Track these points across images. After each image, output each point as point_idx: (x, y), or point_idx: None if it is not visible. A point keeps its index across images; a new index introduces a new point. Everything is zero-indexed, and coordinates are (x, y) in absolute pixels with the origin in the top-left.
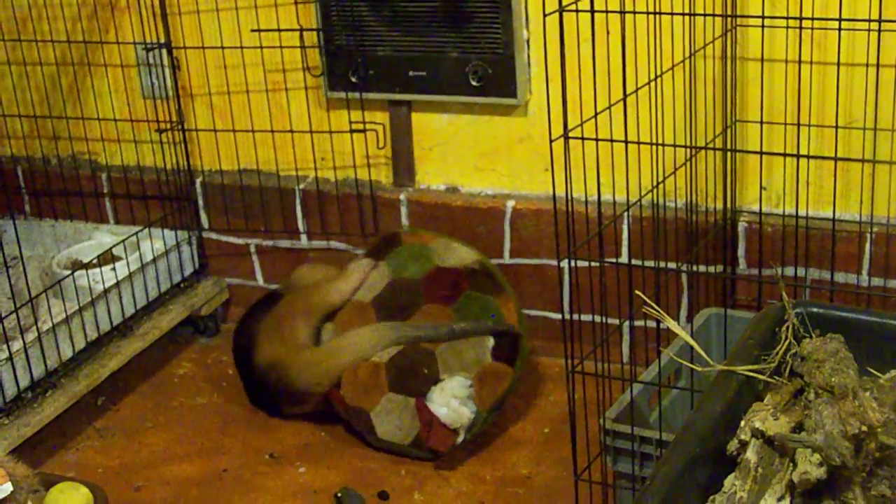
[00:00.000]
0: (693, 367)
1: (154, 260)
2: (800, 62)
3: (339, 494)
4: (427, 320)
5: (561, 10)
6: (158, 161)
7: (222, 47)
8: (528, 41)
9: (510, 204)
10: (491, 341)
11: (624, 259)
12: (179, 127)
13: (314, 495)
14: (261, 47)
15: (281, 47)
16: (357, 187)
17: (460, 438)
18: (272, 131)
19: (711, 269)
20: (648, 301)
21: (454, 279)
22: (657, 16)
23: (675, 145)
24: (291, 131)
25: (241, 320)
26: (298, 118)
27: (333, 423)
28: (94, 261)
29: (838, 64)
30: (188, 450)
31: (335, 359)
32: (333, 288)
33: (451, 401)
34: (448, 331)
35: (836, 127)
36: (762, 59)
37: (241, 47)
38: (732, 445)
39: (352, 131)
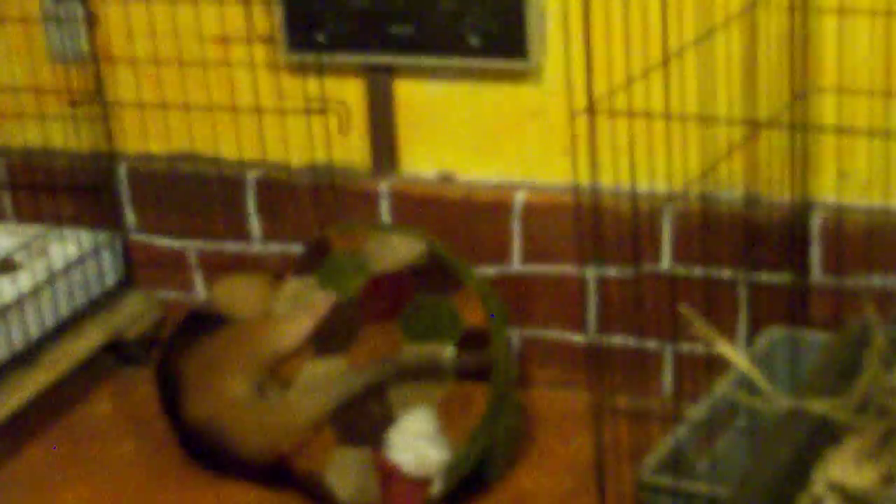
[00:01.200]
0: (753, 402)
1: (66, 269)
2: (889, 14)
3: None
4: (370, 347)
5: None
6: (71, 142)
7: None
8: None
9: (520, 196)
10: (451, 352)
11: (665, 265)
12: (98, 99)
13: None
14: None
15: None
16: (315, 177)
17: (436, 489)
18: (213, 109)
19: (777, 277)
20: (696, 321)
21: (396, 285)
22: None
23: (730, 121)
24: (235, 109)
25: (162, 352)
26: (246, 90)
27: (291, 481)
28: None
29: None
30: None
31: (284, 424)
32: (282, 332)
33: (416, 443)
34: (392, 365)
35: None
36: (841, 10)
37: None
38: (804, 502)
39: (308, 112)
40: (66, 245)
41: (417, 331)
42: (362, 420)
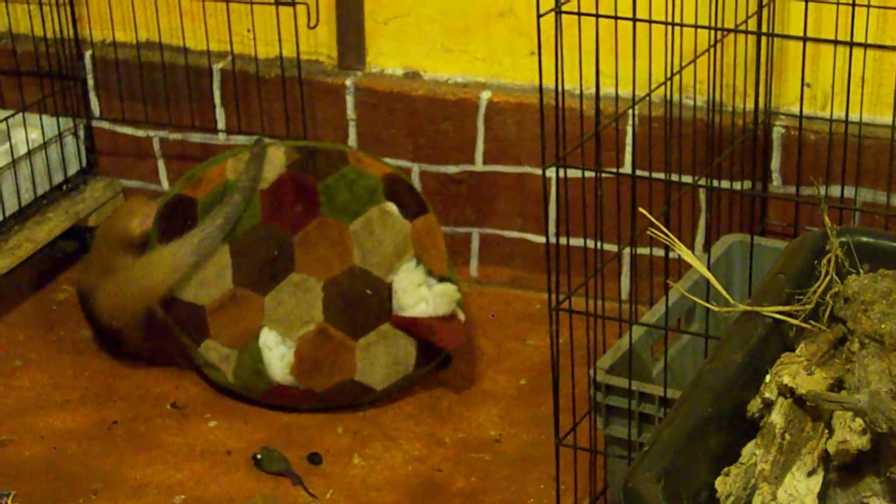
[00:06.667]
0: (709, 306)
1: (29, 154)
2: None
3: (259, 456)
4: (317, 253)
5: None
6: (37, 28)
7: None
8: None
9: (485, 95)
10: (393, 207)
11: (626, 169)
12: None
13: (227, 456)
14: None
15: None
16: (282, 68)
17: (462, 317)
18: None
19: (737, 185)
20: (656, 222)
21: (292, 189)
22: None
23: (696, 26)
24: None
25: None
26: None
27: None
28: None
29: None
30: (68, 395)
31: (130, 291)
32: (137, 215)
33: (420, 290)
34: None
35: None
36: None
37: None
38: (754, 406)
39: (277, 3)
40: (30, 131)
41: (340, 204)
42: (359, 308)
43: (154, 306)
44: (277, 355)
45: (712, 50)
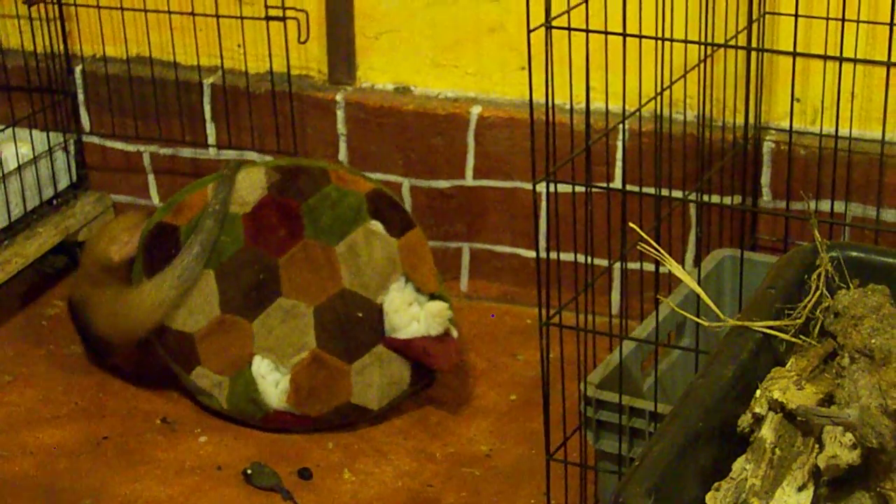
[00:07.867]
0: (699, 321)
1: (19, 169)
2: None
3: (249, 471)
4: (303, 276)
5: None
6: (27, 43)
7: None
8: None
9: (475, 110)
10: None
11: (617, 184)
12: (54, 0)
13: (217, 472)
14: None
15: None
16: (273, 83)
17: (455, 334)
18: (169, 12)
19: (727, 199)
20: (646, 237)
21: (271, 212)
22: None
23: (686, 41)
24: (193, 14)
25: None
26: None
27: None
28: None
29: None
30: (58, 411)
31: (118, 325)
32: (117, 242)
33: (411, 309)
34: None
35: (892, 24)
36: None
37: None
38: (744, 421)
39: (267, 19)
40: (20, 146)
41: (324, 226)
42: (353, 334)
43: (146, 335)
44: (272, 382)
45: (702, 65)
